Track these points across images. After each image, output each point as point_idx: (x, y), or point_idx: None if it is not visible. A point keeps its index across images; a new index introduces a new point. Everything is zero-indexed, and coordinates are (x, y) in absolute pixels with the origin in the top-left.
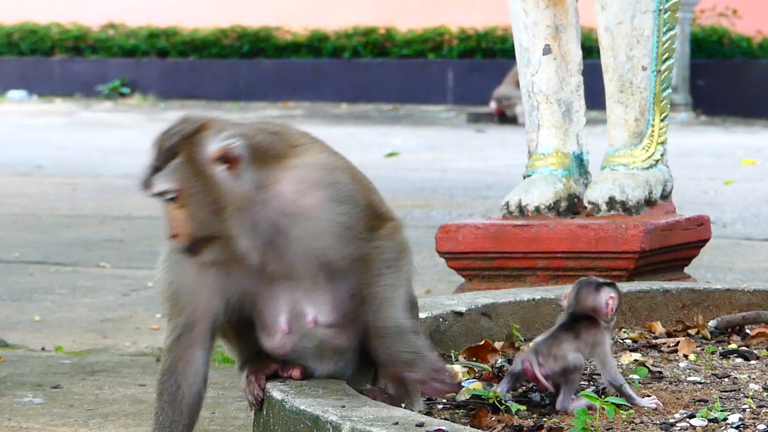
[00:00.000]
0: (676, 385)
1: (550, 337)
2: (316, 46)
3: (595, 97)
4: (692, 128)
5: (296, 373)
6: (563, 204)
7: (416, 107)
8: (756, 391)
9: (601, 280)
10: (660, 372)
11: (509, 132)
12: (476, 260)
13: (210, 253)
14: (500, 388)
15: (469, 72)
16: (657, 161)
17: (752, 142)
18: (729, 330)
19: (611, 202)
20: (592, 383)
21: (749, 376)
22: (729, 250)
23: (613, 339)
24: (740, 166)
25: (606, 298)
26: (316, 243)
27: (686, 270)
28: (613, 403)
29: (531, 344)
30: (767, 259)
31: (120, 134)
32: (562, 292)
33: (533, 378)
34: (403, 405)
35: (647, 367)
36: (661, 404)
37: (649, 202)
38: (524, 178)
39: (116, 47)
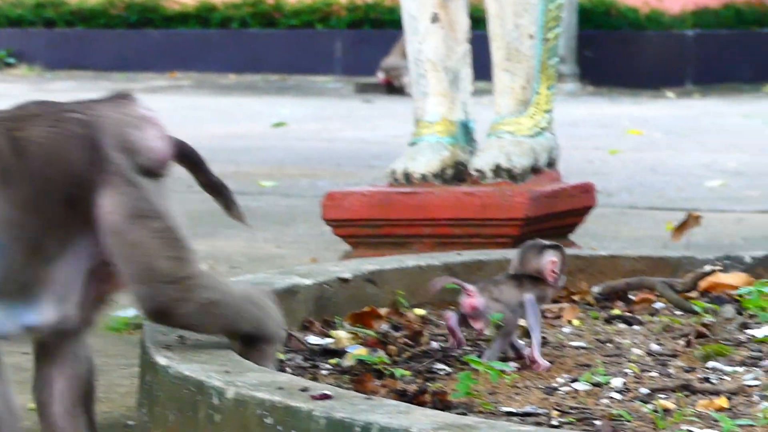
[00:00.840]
0: (560, 351)
1: (492, 280)
2: (204, 16)
3: (482, 67)
4: (579, 99)
5: None
6: (449, 171)
7: (304, 78)
8: (639, 355)
9: (546, 242)
10: (544, 338)
11: (397, 102)
12: (362, 228)
13: None
14: (452, 322)
15: (357, 43)
16: (543, 129)
17: (638, 112)
18: (613, 296)
19: (497, 170)
20: (475, 349)
21: (632, 341)
22: (614, 218)
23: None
24: (626, 136)
25: (548, 261)
26: None
27: (572, 238)
28: (497, 368)
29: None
30: (652, 227)
31: (5, 105)
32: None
33: (468, 310)
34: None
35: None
36: (548, 364)
37: (534, 170)
38: (410, 146)
39: (2, 17)
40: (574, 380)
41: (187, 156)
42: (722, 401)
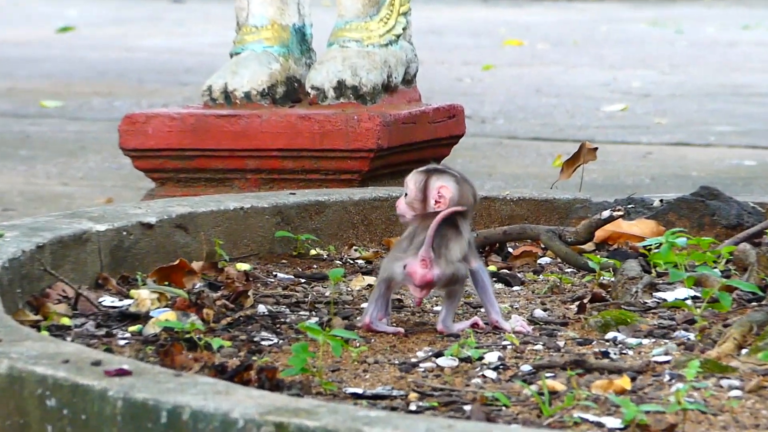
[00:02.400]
0: (420, 317)
1: (440, 238)
2: None
3: None
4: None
5: None
6: (280, 89)
7: None
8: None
9: (449, 166)
10: (400, 300)
11: (214, 3)
12: (170, 159)
13: None
14: (372, 313)
15: None
16: (398, 36)
17: (518, 17)
18: (487, 248)
19: (340, 88)
20: (314, 314)
21: (512, 306)
22: (489, 150)
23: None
24: (503, 48)
25: (474, 187)
26: None
27: None
28: (341, 338)
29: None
30: (535, 162)
31: None
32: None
33: (422, 284)
34: None
35: None
36: (529, 329)
37: (387, 88)
38: (231, 56)
39: None
40: (438, 354)
41: None
42: (624, 382)
